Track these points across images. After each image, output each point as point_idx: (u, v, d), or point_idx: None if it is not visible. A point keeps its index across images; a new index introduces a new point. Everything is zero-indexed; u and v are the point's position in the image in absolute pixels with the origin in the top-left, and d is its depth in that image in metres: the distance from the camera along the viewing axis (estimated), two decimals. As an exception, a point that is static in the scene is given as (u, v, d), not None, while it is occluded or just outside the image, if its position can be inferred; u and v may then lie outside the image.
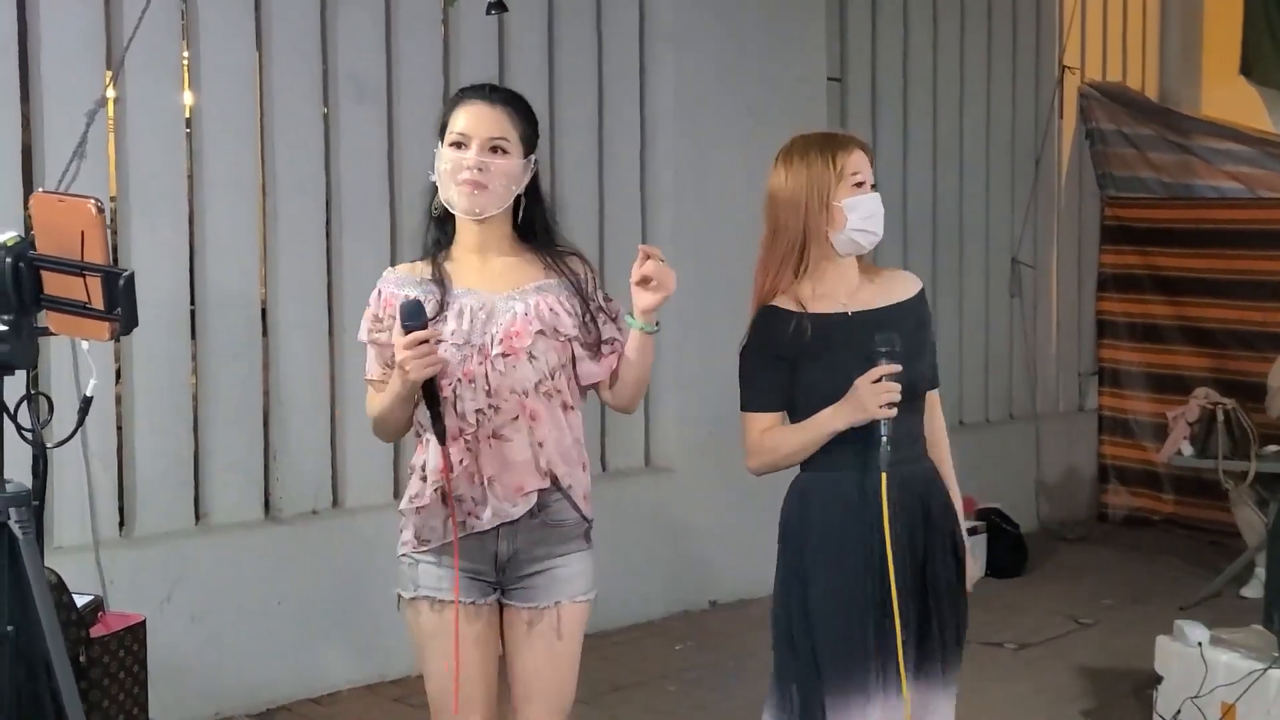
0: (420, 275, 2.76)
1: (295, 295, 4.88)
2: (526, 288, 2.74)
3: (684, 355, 5.78)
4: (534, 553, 2.73)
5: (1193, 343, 7.61)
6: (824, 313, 2.77)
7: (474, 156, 2.67)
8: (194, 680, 4.47)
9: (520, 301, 2.72)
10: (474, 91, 2.77)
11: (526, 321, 2.70)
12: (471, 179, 2.67)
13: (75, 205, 2.27)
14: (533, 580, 2.73)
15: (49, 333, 2.39)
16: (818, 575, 2.76)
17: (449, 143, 2.71)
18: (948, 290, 7.35)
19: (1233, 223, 7.49)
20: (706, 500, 5.74)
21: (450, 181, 2.69)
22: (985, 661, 5.19)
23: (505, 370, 2.67)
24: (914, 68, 7.20)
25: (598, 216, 5.71)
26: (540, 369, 2.70)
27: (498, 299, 2.71)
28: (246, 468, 4.78)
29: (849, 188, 2.76)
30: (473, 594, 2.72)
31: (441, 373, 2.62)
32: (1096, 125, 8.09)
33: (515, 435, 2.68)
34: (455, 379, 2.66)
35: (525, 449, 2.69)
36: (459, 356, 2.66)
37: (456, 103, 2.75)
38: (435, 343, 2.60)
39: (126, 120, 4.48)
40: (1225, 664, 4.17)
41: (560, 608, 2.75)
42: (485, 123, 2.69)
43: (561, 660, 2.78)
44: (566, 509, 2.75)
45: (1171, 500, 7.72)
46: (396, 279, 2.78)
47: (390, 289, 2.76)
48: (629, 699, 4.88)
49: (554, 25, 5.61)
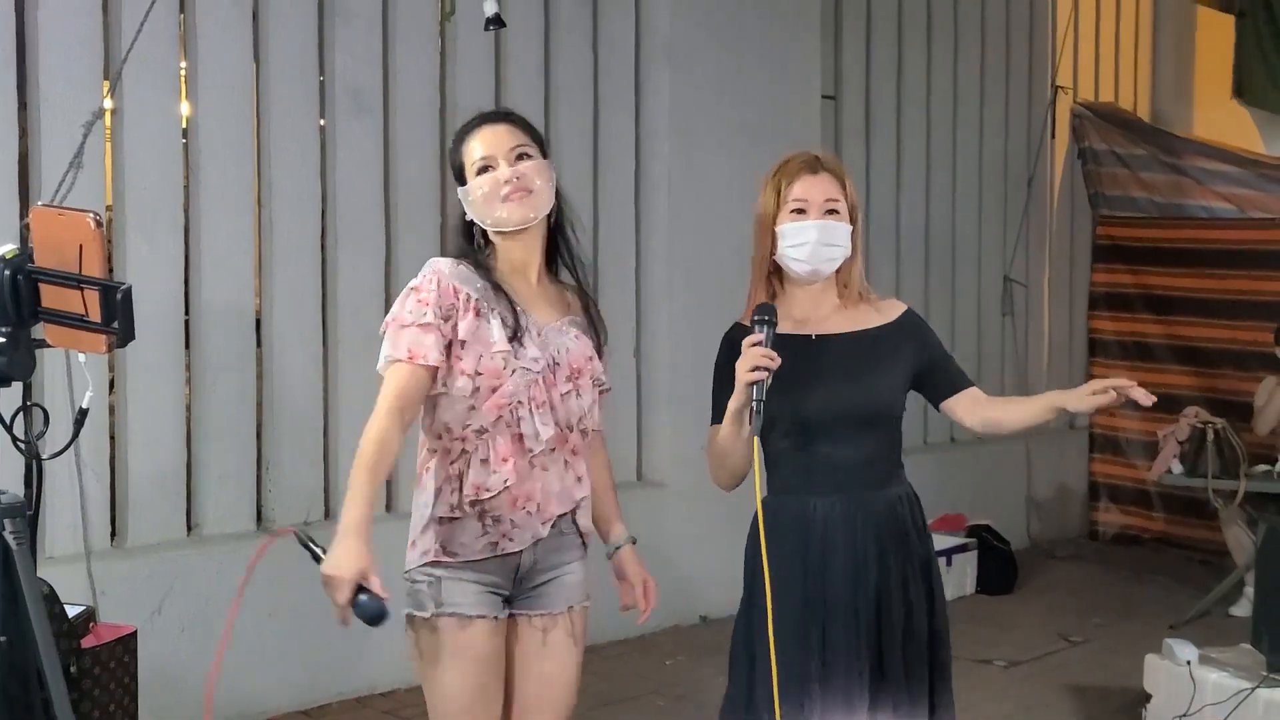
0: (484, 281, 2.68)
1: (290, 307, 4.89)
2: (564, 321, 2.76)
3: (676, 371, 5.80)
4: (548, 561, 2.75)
5: (1183, 362, 7.65)
6: (788, 333, 2.75)
7: (506, 170, 2.69)
8: (185, 691, 4.46)
9: (567, 337, 2.73)
10: (476, 120, 2.77)
11: (585, 360, 2.73)
12: (515, 188, 2.68)
13: (74, 219, 2.28)
14: (544, 589, 2.75)
15: (46, 345, 2.40)
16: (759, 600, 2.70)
17: (475, 171, 2.70)
18: (940, 308, 7.37)
19: (1224, 243, 7.53)
20: (698, 515, 5.74)
21: (494, 200, 2.68)
22: (975, 679, 5.20)
23: (565, 402, 2.69)
24: (908, 86, 7.24)
25: (592, 233, 5.73)
26: (583, 407, 2.73)
27: (547, 327, 2.72)
28: (239, 479, 4.78)
29: (787, 214, 2.76)
30: (494, 609, 2.70)
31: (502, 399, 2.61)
32: (1089, 145, 8.14)
33: (553, 465, 2.70)
34: (518, 400, 2.63)
35: (558, 479, 2.70)
36: (527, 380, 2.64)
37: (463, 137, 2.74)
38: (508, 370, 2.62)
39: (124, 131, 4.49)
40: (1214, 683, 4.19)
41: (572, 613, 2.78)
42: (502, 138, 2.71)
43: (573, 666, 2.80)
44: (569, 522, 2.78)
45: (1161, 519, 7.75)
46: (455, 272, 2.66)
47: (450, 280, 2.64)
48: (619, 714, 4.88)
49: (550, 41, 5.63)
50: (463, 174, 2.74)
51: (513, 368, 2.63)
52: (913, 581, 2.79)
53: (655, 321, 5.94)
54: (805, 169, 2.78)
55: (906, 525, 2.82)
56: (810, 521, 2.73)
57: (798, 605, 2.71)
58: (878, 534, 2.76)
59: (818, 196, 2.75)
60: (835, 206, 2.76)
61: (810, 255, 2.74)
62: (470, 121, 2.79)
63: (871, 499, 2.78)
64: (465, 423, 2.64)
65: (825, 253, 2.75)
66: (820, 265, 2.76)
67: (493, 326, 2.64)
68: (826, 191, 2.76)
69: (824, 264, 2.76)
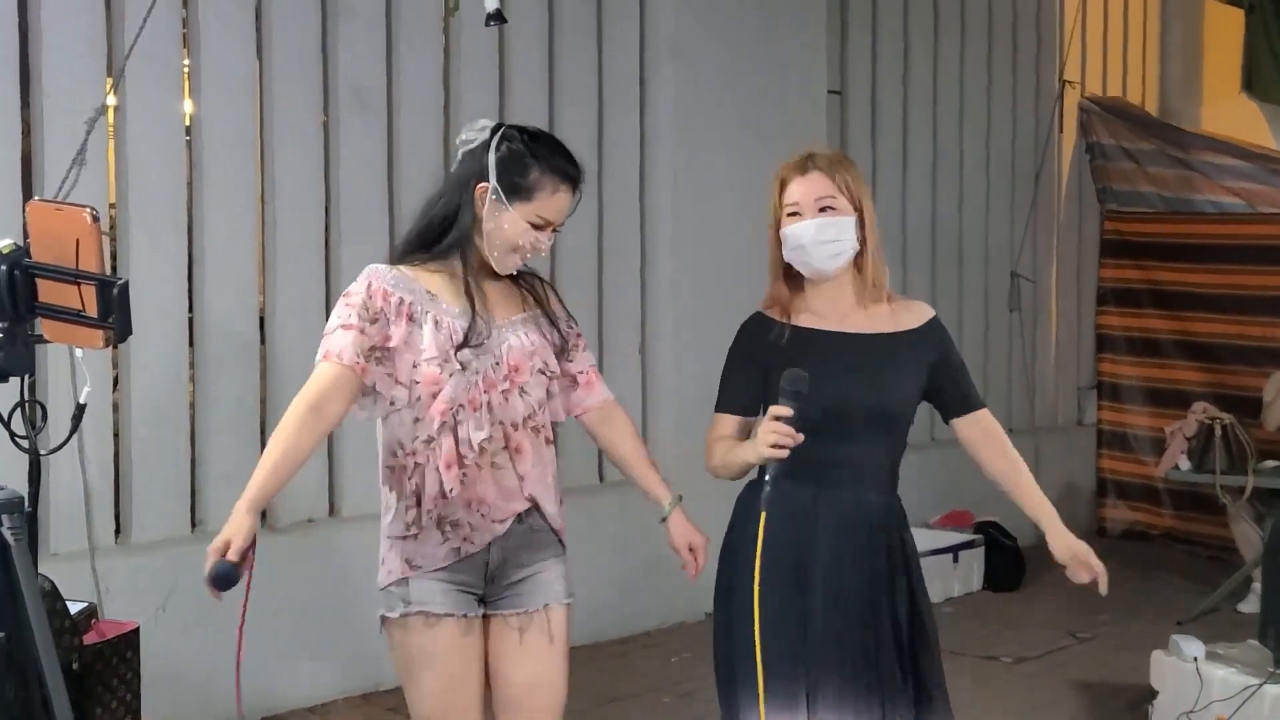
0: (422, 285, 2.67)
1: (293, 304, 4.89)
2: (514, 319, 2.74)
3: (682, 367, 5.79)
4: (520, 558, 2.74)
5: (1191, 357, 7.62)
6: (805, 327, 2.78)
7: (546, 240, 2.69)
8: (189, 688, 4.46)
9: (513, 334, 2.71)
10: (571, 173, 2.69)
11: (524, 356, 2.71)
12: (534, 255, 2.71)
13: (71, 214, 2.28)
14: (519, 587, 2.74)
15: (44, 340, 2.40)
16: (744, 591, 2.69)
17: (530, 220, 2.65)
18: (947, 304, 7.35)
19: (1232, 238, 7.50)
20: (704, 512, 5.71)
21: (509, 249, 2.67)
22: (982, 675, 5.19)
23: (502, 403, 2.67)
24: (914, 82, 7.22)
25: (597, 229, 5.72)
26: (530, 404, 2.71)
27: (497, 327, 2.70)
28: (243, 476, 4.70)
29: (785, 218, 2.77)
30: (463, 607, 2.70)
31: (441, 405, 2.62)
32: (1096, 140, 8.11)
33: (504, 463, 2.70)
34: (459, 404, 2.63)
35: (512, 477, 2.71)
36: (466, 384, 2.63)
37: (549, 174, 2.66)
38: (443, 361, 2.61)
39: (126, 128, 4.49)
40: (1221, 679, 4.17)
41: (549, 610, 2.76)
42: (565, 211, 2.71)
43: (555, 665, 2.78)
44: (541, 520, 2.77)
45: (1169, 515, 7.72)
46: (389, 277, 2.67)
47: (382, 284, 2.65)
48: (624, 711, 4.87)
49: (554, 37, 5.62)
50: (518, 194, 2.65)
51: (449, 371, 2.62)
52: (900, 591, 2.78)
53: (660, 319, 5.93)
54: (796, 170, 2.78)
55: (895, 534, 2.81)
56: (809, 514, 2.72)
57: (788, 593, 2.71)
58: (871, 538, 2.76)
59: (808, 197, 2.75)
60: (829, 203, 2.74)
61: (809, 256, 2.74)
62: (565, 166, 2.69)
63: (870, 502, 2.77)
64: (414, 435, 2.65)
65: (823, 250, 2.73)
66: (822, 264, 2.75)
67: (424, 333, 2.63)
68: (816, 190, 2.74)
69: (826, 261, 2.75)
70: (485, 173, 2.66)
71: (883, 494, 2.80)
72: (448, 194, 2.72)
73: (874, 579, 2.75)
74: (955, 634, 5.86)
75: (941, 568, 6.41)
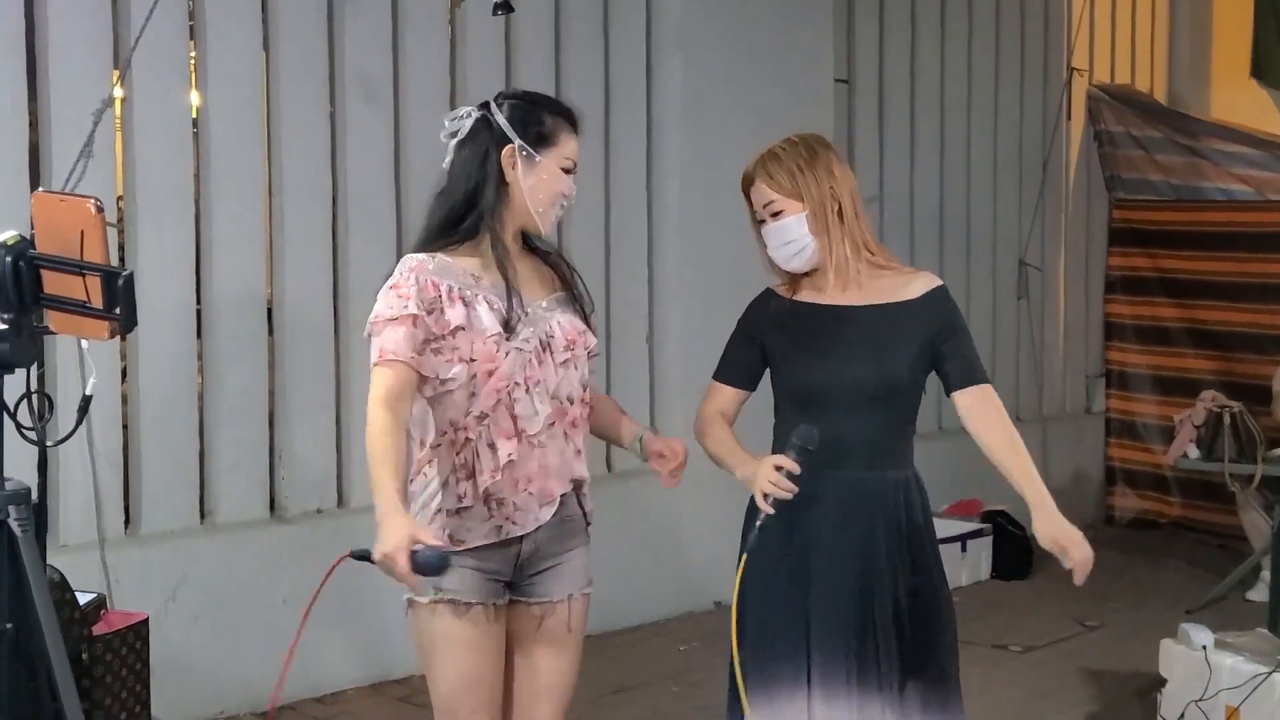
0: (463, 269, 2.66)
1: (301, 295, 4.89)
2: (552, 296, 2.77)
3: (689, 357, 5.78)
4: (551, 548, 2.75)
5: (1200, 345, 7.59)
6: (806, 301, 2.83)
7: (572, 185, 2.73)
8: (198, 679, 4.48)
9: (557, 309, 2.74)
10: (575, 117, 2.76)
11: (577, 331, 2.74)
12: (567, 204, 2.74)
13: (75, 205, 2.29)
14: (545, 575, 2.75)
15: (50, 331, 2.40)
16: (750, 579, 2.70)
17: (561, 165, 2.70)
18: (955, 292, 7.14)
19: (1241, 225, 7.47)
20: (711, 502, 5.72)
21: (552, 201, 2.70)
22: (990, 664, 5.19)
23: (560, 376, 2.69)
24: (922, 70, 7.19)
25: (603, 219, 5.72)
26: (581, 379, 2.74)
27: (535, 303, 2.72)
28: (252, 467, 4.79)
29: (754, 225, 2.86)
30: (491, 595, 2.70)
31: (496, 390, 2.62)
32: (1104, 127, 8.08)
33: (550, 441, 2.69)
34: (515, 381, 2.63)
35: (558, 455, 2.70)
36: (521, 360, 2.64)
37: (560, 121, 2.71)
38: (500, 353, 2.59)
39: (133, 120, 4.49)
40: (1230, 668, 4.16)
41: (572, 601, 2.78)
42: (577, 154, 2.76)
43: (572, 654, 2.80)
44: (574, 504, 2.78)
45: (1178, 503, 7.70)
46: (431, 267, 2.64)
47: (428, 275, 2.62)
48: (633, 700, 4.88)
49: (560, 27, 5.61)
50: (544, 143, 2.68)
51: (506, 350, 2.63)
52: (902, 571, 2.76)
53: (667, 309, 5.93)
54: (746, 182, 2.86)
55: (902, 512, 2.78)
56: (807, 494, 2.68)
57: (787, 586, 2.73)
58: (870, 517, 2.75)
59: (758, 205, 2.83)
60: (773, 208, 2.80)
61: (776, 259, 2.82)
62: (568, 111, 2.75)
63: (871, 479, 2.76)
64: (467, 411, 2.64)
65: (782, 253, 2.81)
66: (788, 265, 2.82)
67: (480, 313, 2.63)
68: (761, 198, 2.82)
69: (789, 262, 2.81)
70: (504, 138, 2.66)
71: (888, 469, 2.78)
72: (463, 176, 2.69)
73: (873, 560, 2.74)
74: (964, 623, 5.79)
75: (950, 556, 6.37)
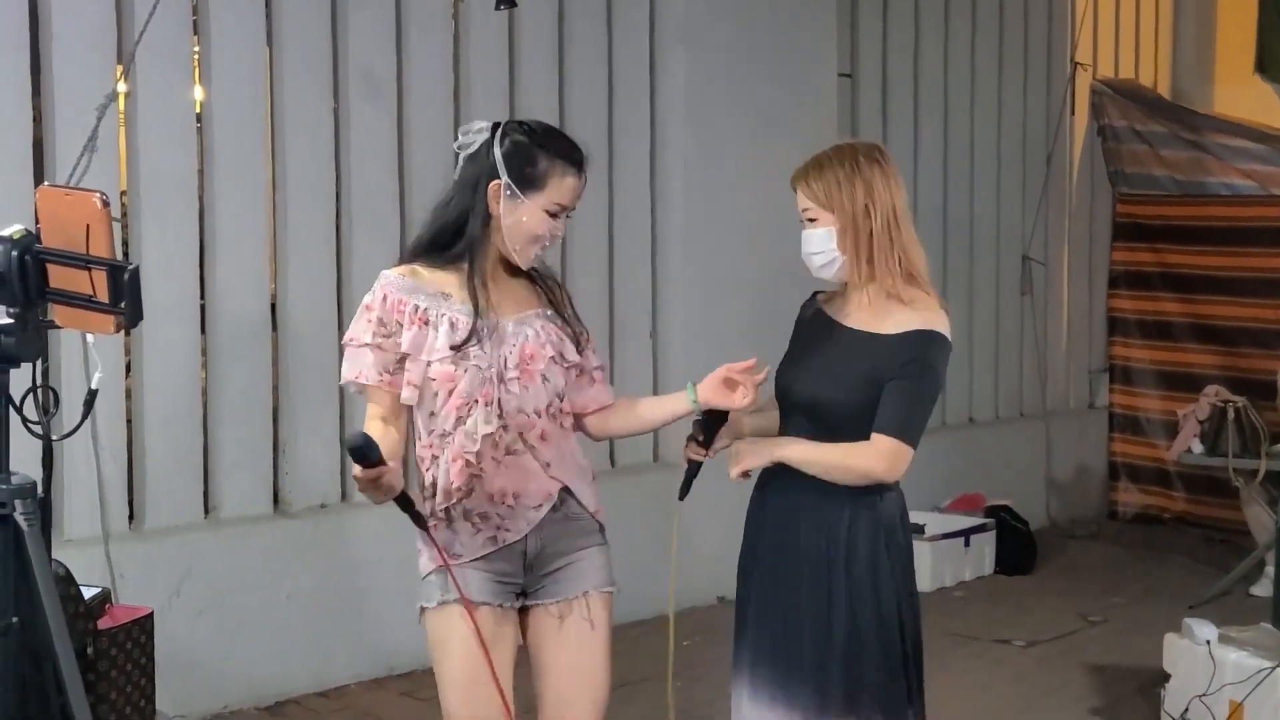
0: (436, 287, 2.70)
1: (305, 291, 4.90)
2: (529, 314, 2.77)
3: (693, 351, 5.78)
4: (558, 546, 2.76)
5: (1204, 340, 7.59)
6: (823, 312, 2.87)
7: (561, 227, 2.73)
8: (202, 673, 4.49)
9: (529, 326, 2.75)
10: (577, 158, 2.71)
11: (539, 345, 2.74)
12: (551, 245, 2.74)
13: (80, 199, 2.29)
14: (557, 575, 2.77)
15: (55, 325, 2.40)
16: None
17: (546, 209, 2.68)
18: (958, 287, 7.33)
19: (1245, 220, 7.46)
20: (715, 497, 5.73)
21: (529, 241, 2.70)
22: (993, 658, 5.19)
23: (519, 392, 2.70)
24: (925, 64, 7.19)
25: (607, 215, 5.72)
26: (550, 391, 2.74)
27: (507, 322, 2.73)
28: (255, 462, 4.80)
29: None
30: (501, 597, 2.73)
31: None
32: (1108, 122, 8.07)
33: (523, 452, 2.72)
34: (473, 400, 2.66)
35: (523, 470, 2.73)
36: (480, 380, 2.66)
37: (556, 162, 2.68)
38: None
39: (137, 115, 4.50)
40: (1234, 662, 4.16)
41: (588, 597, 2.78)
42: (577, 196, 2.74)
43: (596, 651, 2.79)
44: (578, 507, 2.80)
45: (1182, 498, 7.70)
46: (403, 285, 2.69)
47: (397, 294, 2.68)
48: (636, 694, 4.88)
49: (564, 22, 5.61)
50: (530, 186, 2.67)
51: (464, 368, 2.65)
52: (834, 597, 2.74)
53: (671, 304, 5.93)
54: (793, 182, 2.85)
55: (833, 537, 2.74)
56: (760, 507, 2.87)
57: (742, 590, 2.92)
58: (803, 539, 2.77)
59: (800, 208, 2.83)
60: (809, 215, 2.81)
61: (809, 266, 2.83)
62: (570, 151, 2.72)
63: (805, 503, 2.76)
64: (429, 429, 2.69)
65: (812, 261, 2.82)
66: (819, 273, 2.84)
67: (440, 333, 2.66)
68: (801, 203, 2.82)
69: (820, 270, 2.83)
70: (495, 171, 2.67)
71: (826, 495, 2.74)
72: (456, 197, 2.73)
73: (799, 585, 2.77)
74: (967, 618, 5.87)
75: (953, 551, 6.41)
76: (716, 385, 2.76)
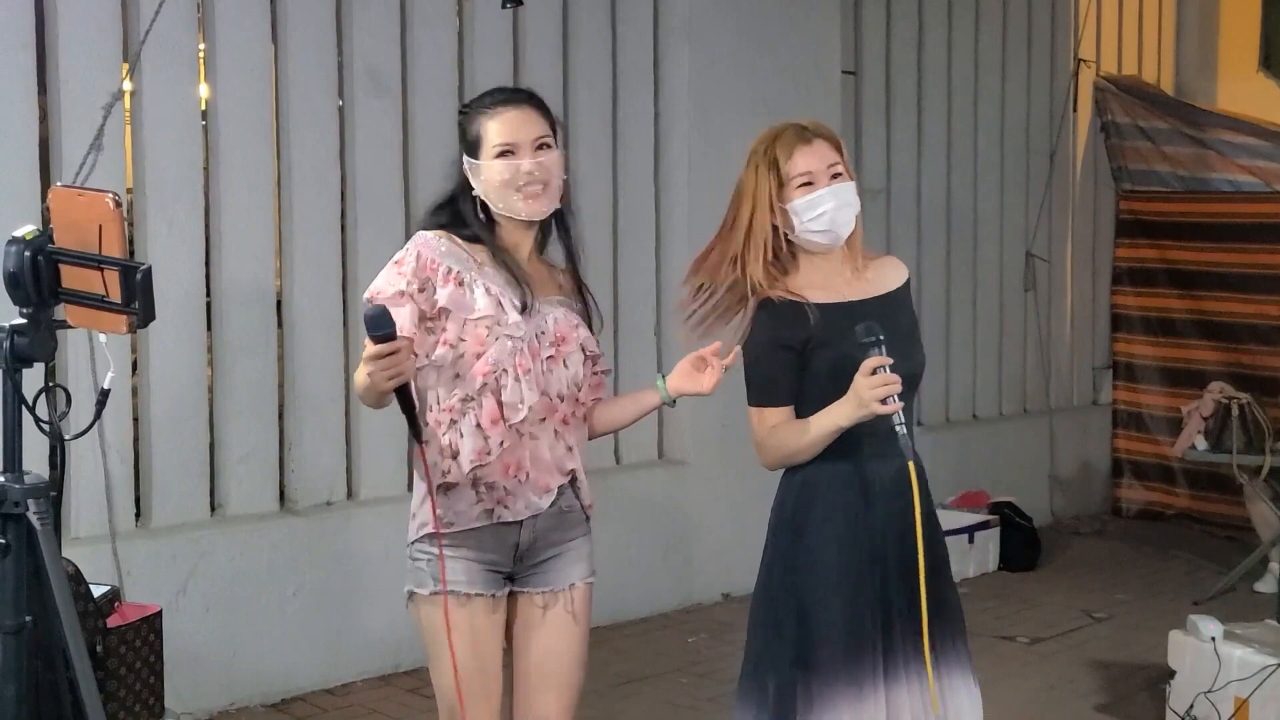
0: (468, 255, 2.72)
1: (311, 288, 4.90)
2: (553, 299, 2.79)
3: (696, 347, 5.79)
4: (550, 539, 2.78)
5: (1207, 337, 7.59)
6: (826, 302, 2.74)
7: (529, 161, 2.70)
8: (209, 670, 4.50)
9: (557, 308, 2.77)
10: (500, 97, 2.77)
11: (570, 329, 2.76)
12: (534, 181, 2.70)
13: (93, 199, 2.29)
14: (546, 565, 2.79)
15: (67, 325, 2.41)
16: (816, 564, 2.70)
17: (495, 154, 2.70)
18: (962, 284, 7.34)
19: (1248, 217, 7.45)
20: (720, 493, 5.75)
21: (509, 191, 2.71)
22: (998, 655, 5.20)
23: (547, 370, 2.72)
24: (929, 60, 7.19)
25: (611, 210, 5.72)
26: (572, 377, 2.77)
27: (537, 301, 2.74)
28: (261, 459, 4.80)
29: (795, 189, 2.73)
30: (490, 586, 2.75)
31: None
32: (1112, 119, 8.06)
33: (542, 434, 2.74)
34: (503, 368, 2.66)
35: (548, 449, 2.74)
36: (511, 348, 2.67)
37: (483, 113, 2.74)
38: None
39: (143, 113, 4.50)
40: (1239, 659, 4.17)
41: (574, 590, 2.81)
42: (527, 125, 2.72)
43: (576, 643, 2.83)
44: (572, 497, 2.83)
45: (1185, 495, 7.70)
46: (438, 246, 2.71)
47: (430, 254, 2.70)
48: (641, 691, 4.89)
49: (568, 18, 5.61)
50: (476, 149, 2.74)
51: (496, 335, 2.67)
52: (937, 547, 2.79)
53: (675, 299, 5.92)
54: (798, 141, 2.75)
55: (929, 501, 2.79)
56: (866, 484, 2.70)
57: (861, 564, 2.69)
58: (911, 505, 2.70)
59: (820, 164, 2.74)
60: (839, 169, 2.76)
61: (830, 224, 2.73)
62: (492, 97, 2.78)
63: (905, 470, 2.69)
64: (452, 391, 2.68)
65: (843, 215, 2.74)
66: (843, 229, 2.76)
67: (475, 296, 2.67)
68: (826, 158, 2.75)
69: (843, 228, 2.76)
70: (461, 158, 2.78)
71: (915, 454, 2.71)
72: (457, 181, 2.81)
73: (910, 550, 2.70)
74: (971, 614, 5.80)
75: (957, 548, 6.40)
76: (685, 373, 2.82)
